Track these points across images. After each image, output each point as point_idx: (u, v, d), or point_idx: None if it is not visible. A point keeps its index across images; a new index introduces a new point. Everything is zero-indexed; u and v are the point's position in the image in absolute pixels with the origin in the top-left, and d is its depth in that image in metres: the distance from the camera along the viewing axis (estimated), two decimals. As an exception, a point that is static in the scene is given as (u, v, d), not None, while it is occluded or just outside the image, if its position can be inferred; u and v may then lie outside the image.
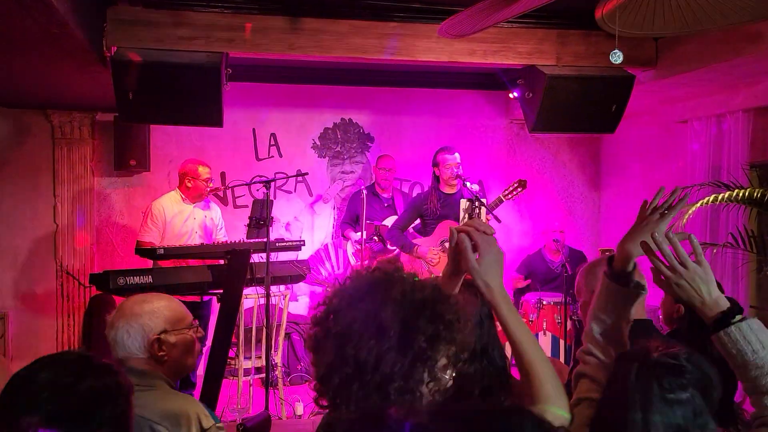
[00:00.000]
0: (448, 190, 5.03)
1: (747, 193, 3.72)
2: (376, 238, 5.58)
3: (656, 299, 3.09)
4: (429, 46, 4.22)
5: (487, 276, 1.46)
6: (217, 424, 1.92)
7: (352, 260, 5.79)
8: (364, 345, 1.20)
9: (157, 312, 1.97)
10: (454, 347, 1.26)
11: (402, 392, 1.20)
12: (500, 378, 1.81)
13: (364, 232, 5.30)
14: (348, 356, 1.21)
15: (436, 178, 5.05)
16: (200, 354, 2.16)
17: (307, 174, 5.27)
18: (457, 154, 4.98)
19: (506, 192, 4.94)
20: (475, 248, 1.46)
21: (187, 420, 1.84)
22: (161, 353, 1.94)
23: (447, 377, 1.30)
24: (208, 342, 4.97)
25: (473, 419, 0.90)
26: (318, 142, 6.23)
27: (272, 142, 6.14)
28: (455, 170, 4.92)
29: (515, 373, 1.55)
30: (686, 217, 4.03)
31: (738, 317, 1.48)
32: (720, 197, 3.84)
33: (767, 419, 1.46)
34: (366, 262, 5.48)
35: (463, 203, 4.67)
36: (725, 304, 1.50)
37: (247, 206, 5.78)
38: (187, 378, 4.98)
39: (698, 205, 4.02)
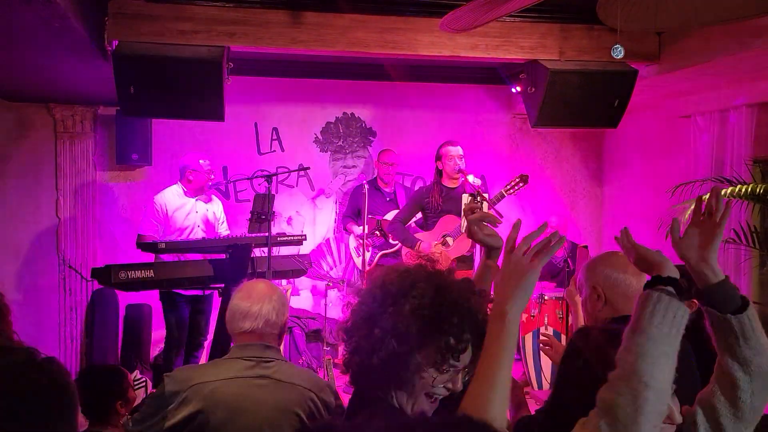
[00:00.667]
0: (450, 184, 5.03)
1: (750, 189, 3.71)
2: (377, 232, 5.58)
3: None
4: (431, 41, 4.20)
5: (509, 302, 1.39)
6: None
7: (354, 254, 5.79)
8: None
9: (284, 300, 2.24)
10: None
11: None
12: None
13: (366, 227, 5.30)
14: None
15: (439, 172, 5.05)
16: None
17: (308, 168, 5.26)
18: (459, 148, 4.97)
19: (508, 187, 4.93)
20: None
21: (325, 387, 2.17)
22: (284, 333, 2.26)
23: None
24: (210, 336, 4.99)
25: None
26: (320, 137, 6.22)
27: (274, 137, 6.13)
28: (458, 163, 4.91)
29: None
30: (688, 212, 4.02)
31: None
32: (723, 193, 3.83)
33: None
34: (368, 255, 5.48)
35: (465, 198, 4.66)
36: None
37: (249, 200, 5.78)
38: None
39: (700, 200, 3.99)
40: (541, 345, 3.15)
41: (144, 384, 4.35)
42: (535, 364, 5.31)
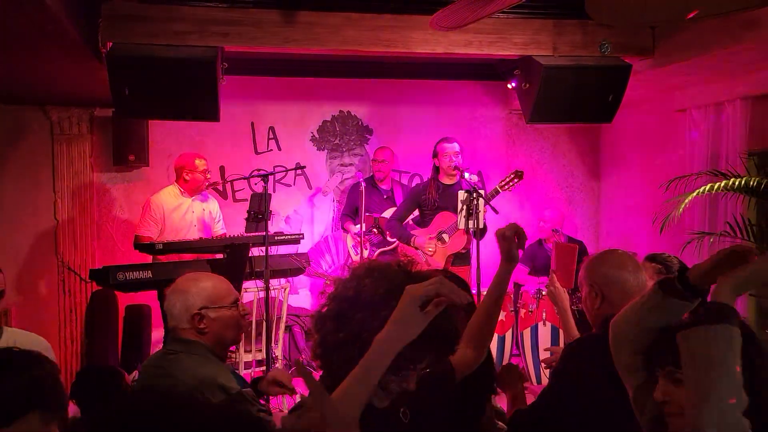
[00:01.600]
0: (447, 181, 5.04)
1: (744, 182, 3.72)
2: (375, 230, 5.59)
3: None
4: (425, 38, 4.21)
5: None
6: (244, 389, 2.10)
7: (352, 252, 5.81)
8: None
9: (200, 290, 2.17)
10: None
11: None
12: None
13: (363, 225, 5.31)
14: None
15: (436, 169, 5.06)
16: (243, 330, 2.37)
17: (305, 167, 5.28)
18: (456, 144, 4.99)
19: (503, 183, 4.94)
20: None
21: (212, 384, 2.06)
22: (201, 326, 2.15)
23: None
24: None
25: None
26: (317, 135, 6.23)
27: (271, 136, 6.14)
28: (454, 160, 4.92)
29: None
30: (682, 206, 4.03)
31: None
32: (717, 186, 3.84)
33: None
34: (366, 253, 5.50)
35: (461, 194, 4.67)
36: None
37: (246, 200, 5.78)
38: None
39: (694, 194, 4.01)
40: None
41: (143, 384, 4.35)
42: (534, 359, 5.33)
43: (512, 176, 4.93)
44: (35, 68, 4.38)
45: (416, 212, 5.27)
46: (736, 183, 3.71)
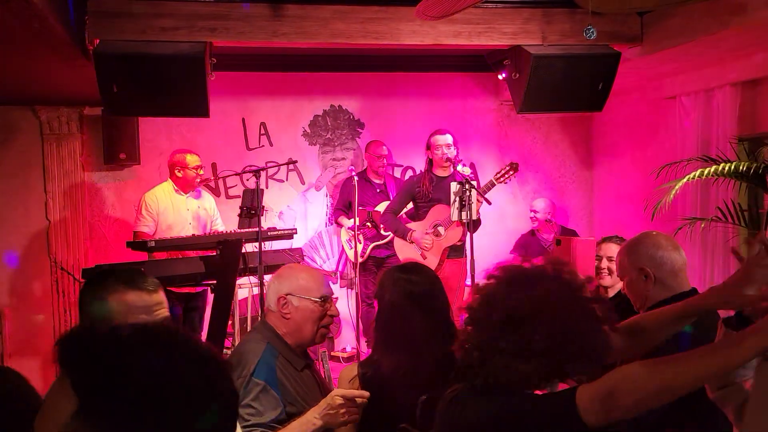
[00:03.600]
0: (440, 173, 5.03)
1: (733, 167, 3.72)
2: (369, 224, 5.59)
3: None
4: (413, 29, 4.20)
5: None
6: (256, 379, 2.12)
7: (347, 247, 5.80)
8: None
9: (293, 278, 2.30)
10: None
11: None
12: None
13: (357, 219, 5.31)
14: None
15: (429, 161, 5.06)
16: (326, 332, 2.35)
17: (297, 162, 5.26)
18: (448, 136, 4.98)
19: (498, 175, 4.94)
20: None
21: (242, 361, 2.16)
22: (285, 311, 2.26)
23: None
24: (204, 332, 5.00)
25: None
26: (308, 130, 6.22)
27: (262, 131, 6.12)
28: (446, 152, 4.92)
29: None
30: (673, 192, 4.04)
31: None
32: (707, 171, 3.84)
33: None
34: (360, 248, 5.49)
35: (454, 186, 4.67)
36: None
37: (239, 197, 5.78)
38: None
39: (685, 180, 4.02)
40: None
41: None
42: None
43: (508, 168, 4.93)
44: (23, 67, 4.35)
45: (410, 205, 5.27)
46: (726, 168, 3.71)
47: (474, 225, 4.74)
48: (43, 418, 0.87)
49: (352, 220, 5.38)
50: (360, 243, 5.54)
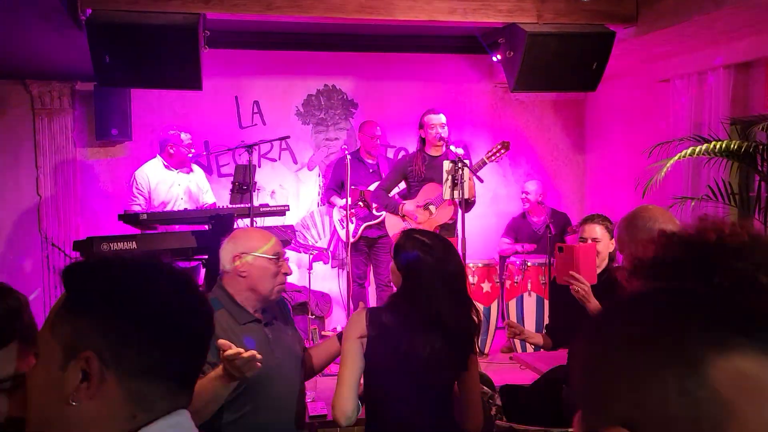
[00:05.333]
0: (433, 153, 5.03)
1: (724, 145, 3.74)
2: (361, 203, 5.58)
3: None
4: (409, 5, 4.19)
5: None
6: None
7: (339, 227, 5.80)
8: None
9: (247, 238, 2.39)
10: None
11: None
12: None
13: (349, 198, 5.31)
14: None
15: (422, 140, 5.06)
16: (282, 288, 2.41)
17: (288, 137, 5.24)
18: (442, 115, 4.98)
19: (489, 153, 4.94)
20: None
21: None
22: (241, 269, 2.31)
23: None
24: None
25: None
26: (301, 109, 6.20)
27: (255, 110, 6.10)
28: (440, 131, 4.91)
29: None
30: (664, 170, 4.06)
31: None
32: (698, 150, 3.86)
33: None
34: (353, 227, 5.49)
35: (446, 165, 4.66)
36: None
37: (231, 174, 5.76)
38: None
39: (676, 158, 4.03)
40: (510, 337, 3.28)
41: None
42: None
43: (499, 147, 4.93)
44: (14, 38, 4.32)
45: (402, 186, 5.27)
46: (718, 146, 3.73)
47: (467, 204, 4.75)
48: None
49: (344, 199, 5.37)
50: (352, 223, 5.54)
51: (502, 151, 4.92)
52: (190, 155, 4.95)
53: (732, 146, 3.67)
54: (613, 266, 3.18)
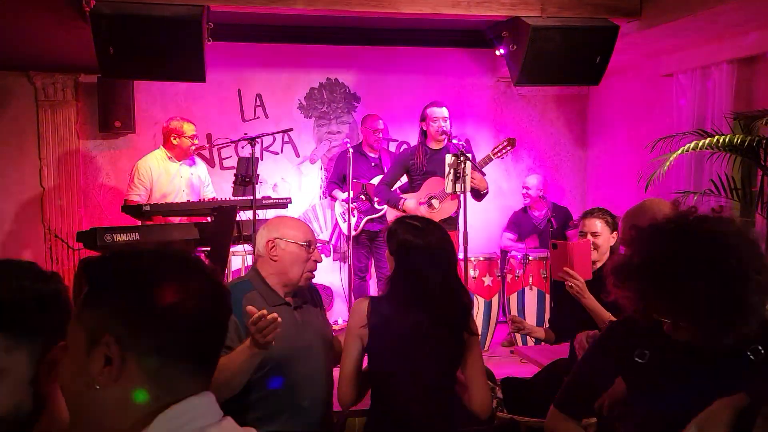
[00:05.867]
0: (435, 146, 5.03)
1: (727, 140, 3.74)
2: (363, 196, 5.59)
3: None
4: (412, -1, 4.19)
5: None
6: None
7: (340, 220, 5.81)
8: None
9: (281, 224, 2.49)
10: None
11: None
12: None
13: (351, 192, 5.31)
14: None
15: (424, 133, 5.05)
16: (311, 276, 2.52)
17: (291, 130, 5.25)
18: (444, 109, 4.97)
19: (495, 150, 4.94)
20: None
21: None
22: (274, 253, 2.43)
23: None
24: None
25: None
26: (304, 103, 6.20)
27: (258, 103, 6.11)
28: (442, 125, 4.91)
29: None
30: (667, 164, 4.06)
31: None
32: (701, 144, 3.86)
33: None
34: (354, 221, 5.50)
35: (449, 158, 4.66)
36: None
37: (234, 167, 5.77)
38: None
39: (679, 152, 4.04)
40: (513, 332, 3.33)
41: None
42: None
43: (505, 143, 4.93)
44: (19, 28, 4.32)
45: (404, 180, 5.27)
46: (720, 140, 3.73)
47: (480, 195, 4.79)
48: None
49: (346, 193, 5.38)
50: (354, 216, 5.55)
51: (508, 147, 4.92)
52: (194, 147, 4.95)
53: (735, 140, 3.67)
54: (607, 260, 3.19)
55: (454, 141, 4.84)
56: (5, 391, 1.11)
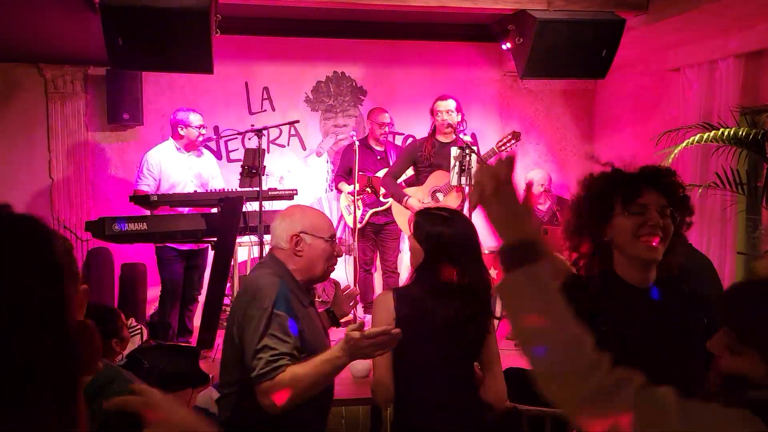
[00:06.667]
0: (443, 139, 5.05)
1: (732, 132, 3.74)
2: (368, 189, 5.61)
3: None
4: (419, -9, 4.20)
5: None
6: (277, 311, 2.16)
7: (345, 213, 5.84)
8: None
9: (304, 217, 2.36)
10: None
11: None
12: None
13: (357, 185, 5.33)
14: None
15: (434, 126, 5.08)
16: (332, 270, 2.44)
17: (298, 122, 5.29)
18: (450, 102, 4.99)
19: (500, 143, 4.96)
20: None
21: (260, 294, 2.19)
22: (298, 248, 2.32)
23: None
24: (204, 290, 5.05)
25: None
26: (311, 96, 6.23)
27: (265, 96, 6.14)
28: (446, 118, 4.93)
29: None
30: (672, 156, 4.06)
31: None
32: (706, 136, 3.86)
33: None
34: (360, 214, 5.52)
35: (454, 151, 4.68)
36: None
37: (241, 160, 5.80)
38: (184, 325, 5.07)
39: (684, 144, 4.04)
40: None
41: (139, 331, 4.41)
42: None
43: (510, 137, 4.94)
44: (29, 22, 4.36)
45: (410, 173, 5.29)
46: (726, 133, 3.73)
47: None
48: None
49: (351, 185, 5.40)
50: (359, 209, 5.57)
51: (513, 141, 4.94)
52: (201, 138, 4.98)
53: (740, 133, 3.68)
54: None
55: (462, 136, 4.86)
56: None
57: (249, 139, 5.92)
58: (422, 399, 2.31)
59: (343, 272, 6.12)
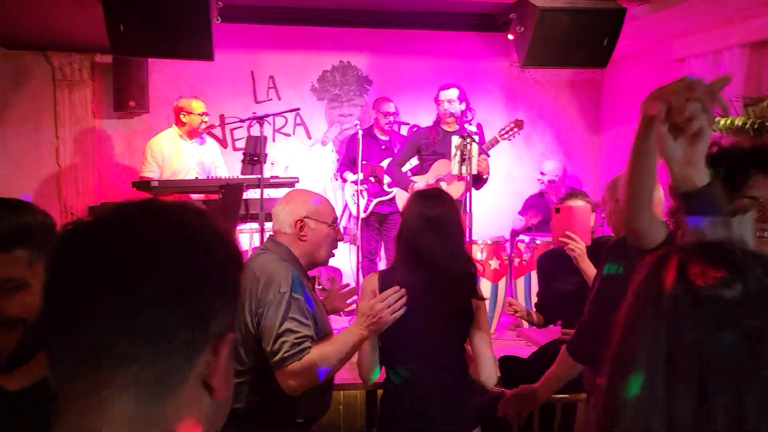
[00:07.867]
0: (447, 128, 5.05)
1: (729, 122, 3.72)
2: (372, 179, 5.62)
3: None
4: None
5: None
6: (295, 295, 2.19)
7: (350, 202, 5.86)
8: None
9: (308, 202, 2.36)
10: None
11: None
12: None
13: (361, 174, 5.35)
14: None
15: (439, 116, 5.09)
16: (333, 255, 2.47)
17: (299, 110, 5.31)
18: (452, 91, 4.98)
19: (503, 131, 4.94)
20: None
21: (274, 279, 2.20)
22: (302, 233, 2.32)
23: None
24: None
25: None
26: (316, 85, 6.25)
27: (271, 85, 6.17)
28: (447, 107, 4.93)
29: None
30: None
31: None
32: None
33: None
34: (364, 203, 5.53)
35: (455, 140, 4.68)
36: None
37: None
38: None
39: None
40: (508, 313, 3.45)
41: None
42: (527, 308, 5.37)
43: (512, 125, 4.93)
44: (36, 9, 4.42)
45: (415, 162, 5.30)
46: (722, 122, 3.71)
47: (478, 181, 4.78)
48: None
49: (356, 175, 5.41)
50: (363, 198, 5.59)
51: (516, 129, 4.92)
52: (203, 126, 5.02)
53: (737, 123, 3.65)
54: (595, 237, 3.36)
55: (468, 126, 4.85)
56: (30, 301, 1.24)
57: (253, 127, 5.95)
58: (408, 378, 2.35)
59: (348, 261, 6.15)
